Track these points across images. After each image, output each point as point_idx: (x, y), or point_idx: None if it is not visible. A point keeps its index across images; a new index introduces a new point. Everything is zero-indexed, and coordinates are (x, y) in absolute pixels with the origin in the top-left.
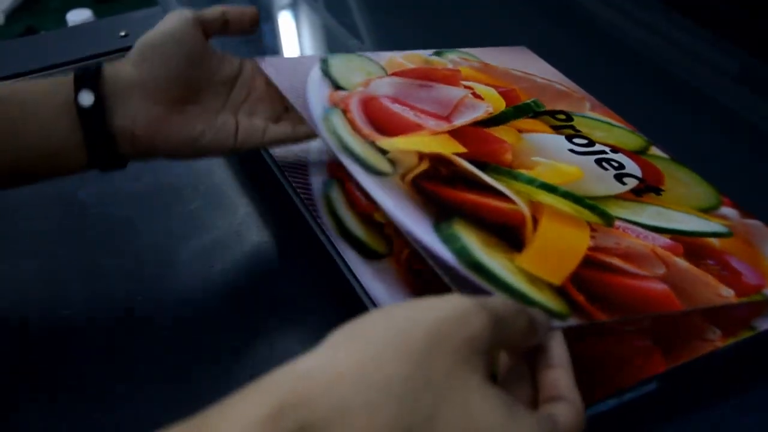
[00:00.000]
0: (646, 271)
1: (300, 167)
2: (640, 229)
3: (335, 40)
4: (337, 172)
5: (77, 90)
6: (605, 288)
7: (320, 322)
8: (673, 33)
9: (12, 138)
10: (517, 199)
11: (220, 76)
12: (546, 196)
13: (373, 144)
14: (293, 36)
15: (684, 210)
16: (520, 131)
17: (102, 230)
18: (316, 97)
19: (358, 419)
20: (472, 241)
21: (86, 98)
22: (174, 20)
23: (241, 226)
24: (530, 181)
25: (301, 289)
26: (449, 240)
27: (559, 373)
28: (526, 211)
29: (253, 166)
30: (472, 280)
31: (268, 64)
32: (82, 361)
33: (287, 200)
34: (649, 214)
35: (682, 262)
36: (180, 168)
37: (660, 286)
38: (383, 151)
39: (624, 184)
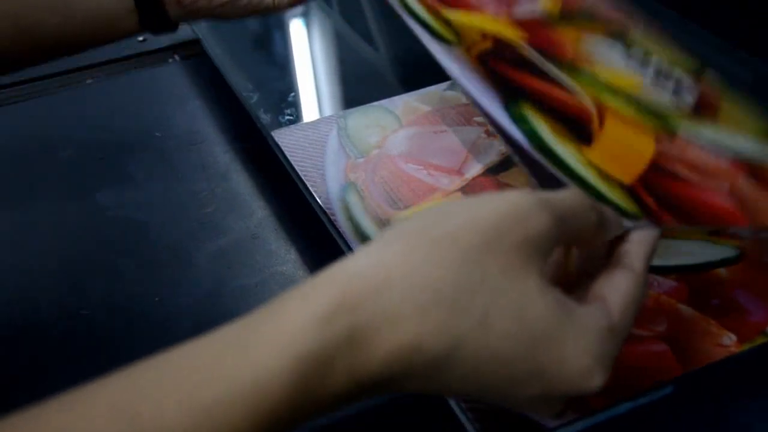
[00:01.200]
0: (712, 183)
1: (317, 171)
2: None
3: (348, 47)
4: (353, 174)
5: None
6: (672, 195)
7: None
8: None
9: (63, 2)
10: (583, 93)
11: None
12: (609, 98)
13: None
14: (305, 43)
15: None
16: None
17: (120, 232)
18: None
19: (406, 325)
20: (543, 125)
21: None
22: None
23: (257, 230)
24: (593, 81)
25: None
26: (520, 120)
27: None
28: (591, 106)
29: (270, 170)
30: (543, 165)
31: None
32: (100, 361)
33: (304, 204)
34: (708, 132)
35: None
36: (197, 172)
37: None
38: (447, 22)
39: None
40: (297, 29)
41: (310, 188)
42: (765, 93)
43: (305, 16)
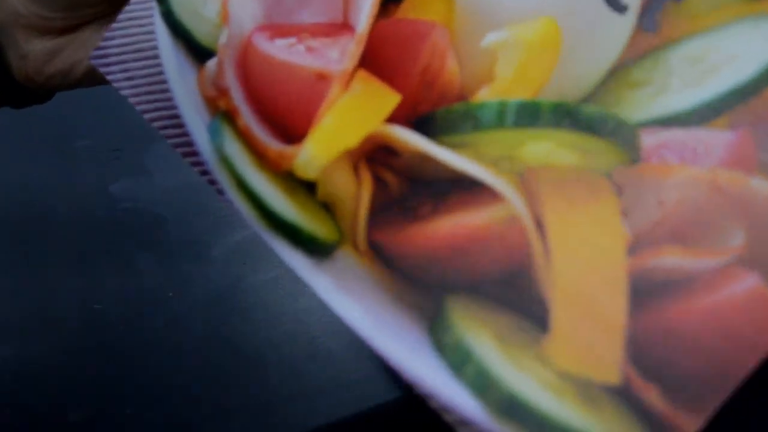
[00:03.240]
0: (719, 254)
1: (168, 110)
2: (678, 134)
3: None
4: (219, 101)
5: None
6: (677, 344)
7: None
8: None
9: None
10: (504, 185)
11: None
12: (533, 143)
13: (290, 177)
14: None
15: (726, 15)
16: None
17: (133, 225)
18: (187, 103)
19: None
20: (490, 349)
21: None
22: None
23: None
24: (500, 116)
25: None
26: (458, 360)
27: None
28: (524, 213)
29: None
30: None
31: (107, 63)
32: (112, 356)
33: None
34: (683, 76)
35: (763, 188)
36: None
37: (748, 284)
38: (309, 186)
39: (623, 8)
40: None
41: (171, 143)
42: None
43: None
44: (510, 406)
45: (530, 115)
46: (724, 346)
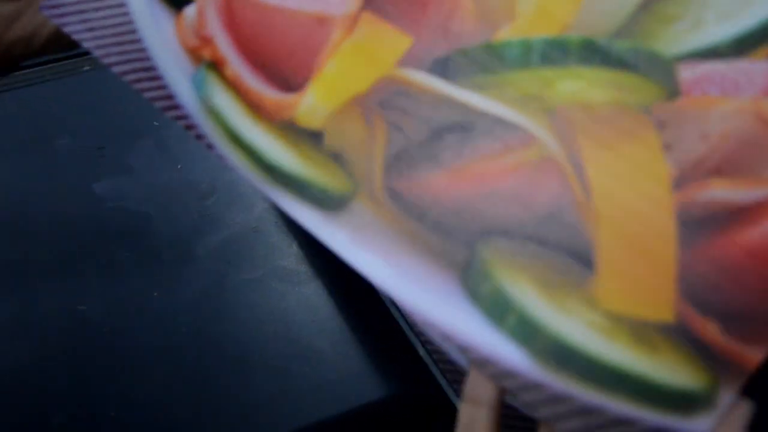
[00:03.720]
0: (764, 184)
1: (142, 62)
2: (718, 67)
3: None
4: (203, 50)
5: None
6: (731, 277)
7: (343, 314)
8: None
9: None
10: (535, 126)
11: None
12: (563, 81)
13: (292, 126)
14: None
15: None
16: None
17: (118, 224)
18: (165, 55)
19: None
20: (531, 294)
21: None
22: None
23: (258, 222)
24: (526, 54)
25: (320, 284)
26: (497, 309)
27: None
28: (559, 152)
29: None
30: (552, 387)
31: (62, 13)
32: (97, 357)
33: None
34: (718, 8)
35: None
36: (198, 162)
37: None
38: (315, 136)
39: None
40: None
41: (147, 97)
42: None
43: None
44: (558, 353)
45: (558, 52)
46: None
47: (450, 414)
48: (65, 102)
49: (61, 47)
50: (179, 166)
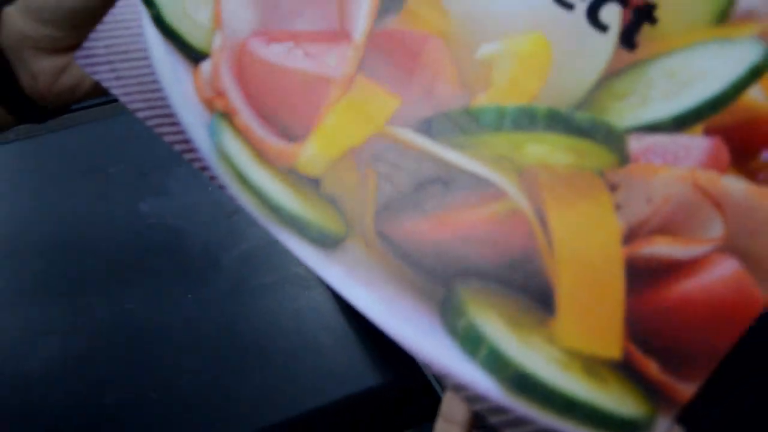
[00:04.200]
0: (701, 243)
1: (158, 104)
2: (661, 140)
3: None
4: (216, 102)
5: None
6: (669, 322)
7: (345, 313)
8: None
9: None
10: (506, 183)
11: None
12: (531, 145)
13: (293, 172)
14: None
15: (696, 37)
16: None
17: (158, 237)
18: (183, 104)
19: None
20: (501, 330)
21: None
22: None
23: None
24: (499, 120)
25: (326, 289)
26: (470, 342)
27: None
28: (526, 206)
29: None
30: (516, 410)
31: (93, 63)
32: (142, 345)
33: None
34: (661, 89)
35: (736, 186)
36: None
37: (728, 268)
38: (313, 182)
39: (605, 28)
40: None
41: (167, 140)
42: None
43: None
44: (522, 382)
45: (527, 119)
46: (710, 322)
47: (433, 400)
48: (115, 137)
49: (103, 94)
50: (209, 189)
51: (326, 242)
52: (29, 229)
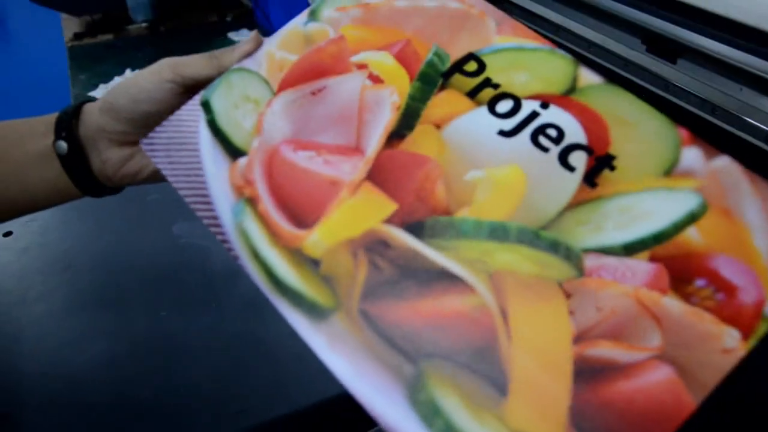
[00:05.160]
0: (641, 350)
1: (198, 187)
2: (612, 261)
3: None
4: (245, 189)
5: (56, 137)
6: (609, 417)
7: None
8: None
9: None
10: (477, 282)
11: None
12: (502, 253)
13: (299, 252)
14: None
15: (645, 185)
16: (437, 126)
17: (188, 254)
18: (218, 188)
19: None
20: (457, 406)
21: (62, 147)
22: (149, 80)
23: None
24: (477, 230)
25: None
26: (428, 414)
27: None
28: (492, 304)
29: None
30: None
31: (153, 149)
32: (173, 347)
33: None
34: (615, 221)
35: (673, 305)
36: None
37: (663, 374)
38: (314, 263)
39: (572, 169)
40: None
41: (199, 215)
42: None
43: None
44: None
45: (501, 233)
46: (646, 420)
47: None
48: None
49: (158, 180)
50: None
51: (316, 313)
52: (83, 248)
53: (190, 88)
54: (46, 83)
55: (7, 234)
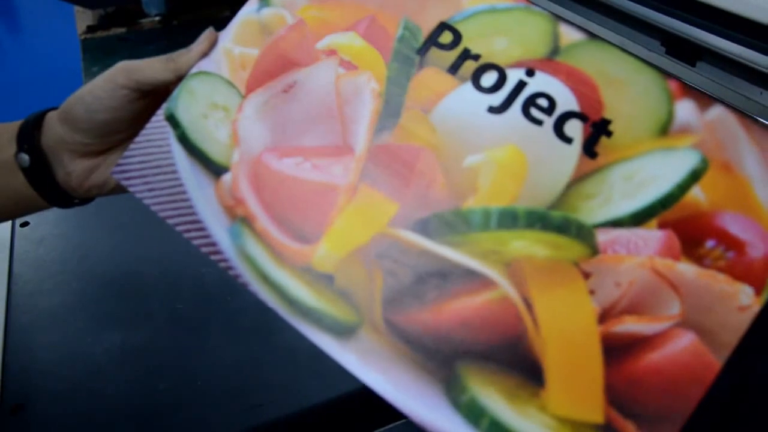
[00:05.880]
0: (663, 320)
1: (185, 212)
2: (623, 233)
3: None
4: (236, 209)
5: (18, 148)
6: (642, 389)
7: None
8: None
9: None
10: (495, 275)
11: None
12: (515, 241)
13: (309, 270)
14: None
15: (645, 147)
16: (424, 110)
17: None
18: (208, 212)
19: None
20: (499, 403)
21: (24, 159)
22: (103, 88)
23: None
24: (485, 221)
25: None
26: (473, 415)
27: None
28: (514, 294)
29: None
30: None
31: (128, 177)
32: (191, 338)
33: None
34: (620, 190)
35: (688, 270)
36: None
37: (687, 340)
38: (328, 278)
39: (570, 141)
40: None
41: (195, 244)
42: None
43: None
44: None
45: (510, 219)
46: (676, 386)
47: None
48: None
49: (123, 192)
50: None
51: (341, 331)
52: (100, 239)
53: (148, 94)
54: (59, 75)
55: (24, 224)
